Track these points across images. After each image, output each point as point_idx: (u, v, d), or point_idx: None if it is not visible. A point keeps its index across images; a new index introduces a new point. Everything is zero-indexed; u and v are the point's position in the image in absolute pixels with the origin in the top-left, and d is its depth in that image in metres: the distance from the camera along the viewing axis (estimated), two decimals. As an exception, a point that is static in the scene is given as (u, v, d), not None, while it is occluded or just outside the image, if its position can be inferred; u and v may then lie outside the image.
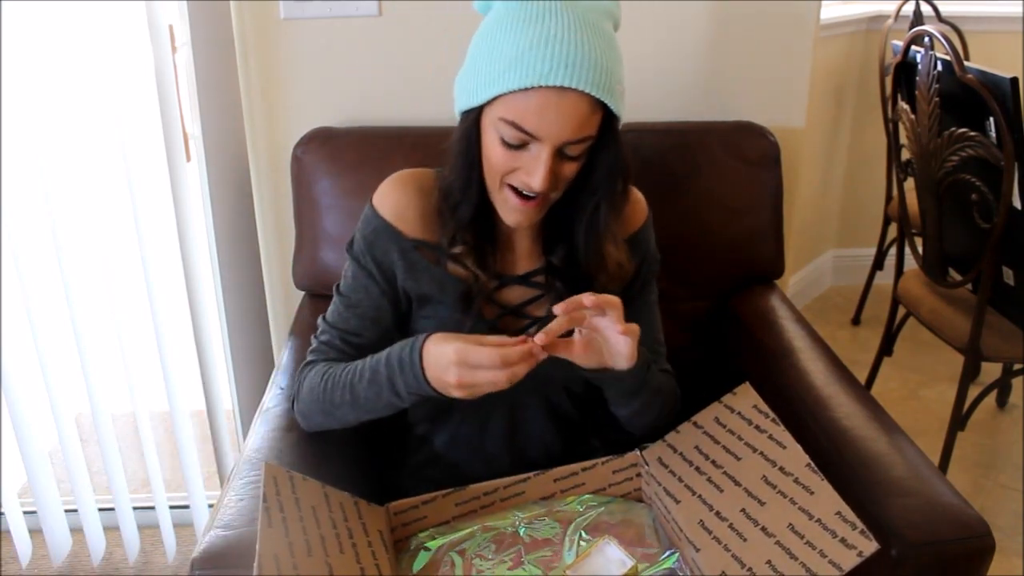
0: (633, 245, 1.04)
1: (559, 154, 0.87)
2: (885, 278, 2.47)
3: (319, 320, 1.05)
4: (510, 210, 0.92)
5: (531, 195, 0.90)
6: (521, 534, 0.92)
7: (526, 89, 0.82)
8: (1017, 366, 1.88)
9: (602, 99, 0.84)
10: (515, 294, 1.02)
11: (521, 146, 0.87)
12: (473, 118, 0.90)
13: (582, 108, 0.84)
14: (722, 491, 0.88)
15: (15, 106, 1.41)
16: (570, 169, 0.89)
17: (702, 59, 1.49)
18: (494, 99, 0.86)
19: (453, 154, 0.94)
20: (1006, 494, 1.96)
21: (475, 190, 0.94)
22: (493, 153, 0.89)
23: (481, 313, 0.99)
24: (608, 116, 0.88)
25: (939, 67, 1.68)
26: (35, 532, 1.74)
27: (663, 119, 1.48)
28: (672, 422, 1.00)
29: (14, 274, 1.49)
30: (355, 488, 0.94)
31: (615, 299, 0.84)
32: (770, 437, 0.89)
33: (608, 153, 0.91)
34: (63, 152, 1.50)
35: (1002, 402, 2.33)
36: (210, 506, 1.78)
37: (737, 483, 0.88)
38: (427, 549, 0.92)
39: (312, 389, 0.98)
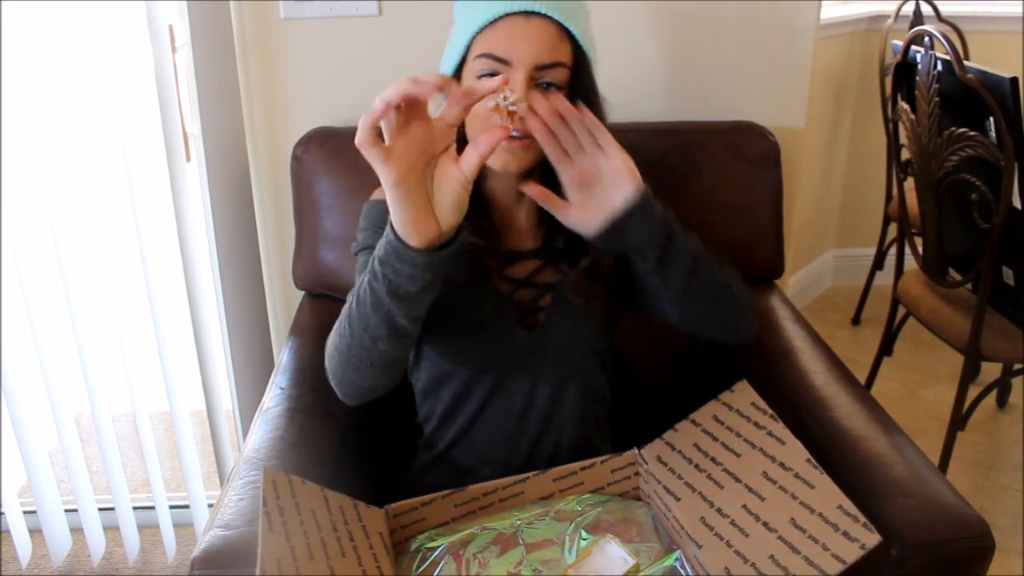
0: None
1: (536, 85, 0.90)
2: (885, 278, 2.47)
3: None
4: (497, 151, 0.91)
5: (516, 134, 0.89)
6: (521, 534, 0.92)
7: (494, 22, 0.89)
8: (1017, 366, 1.88)
9: (566, 25, 0.90)
10: (522, 268, 1.03)
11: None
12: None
13: (548, 31, 0.90)
14: (722, 488, 0.88)
15: (15, 106, 1.41)
16: None
17: (702, 59, 1.49)
18: (468, 49, 0.91)
19: None
20: (1006, 494, 1.96)
21: (460, 152, 0.92)
22: None
23: (496, 287, 1.01)
24: (579, 58, 0.93)
25: (939, 67, 1.68)
26: (35, 532, 1.74)
27: (663, 119, 1.48)
28: (671, 421, 1.00)
29: (14, 274, 1.49)
30: (357, 489, 0.94)
31: (598, 121, 0.86)
32: (769, 433, 0.89)
33: (578, 91, 0.95)
34: (63, 152, 1.50)
35: (1002, 402, 2.33)
36: (210, 506, 1.78)
37: (737, 479, 0.88)
38: (427, 551, 0.92)
39: (331, 344, 0.93)
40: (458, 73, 0.94)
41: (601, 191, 0.88)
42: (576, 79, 0.94)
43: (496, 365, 1.02)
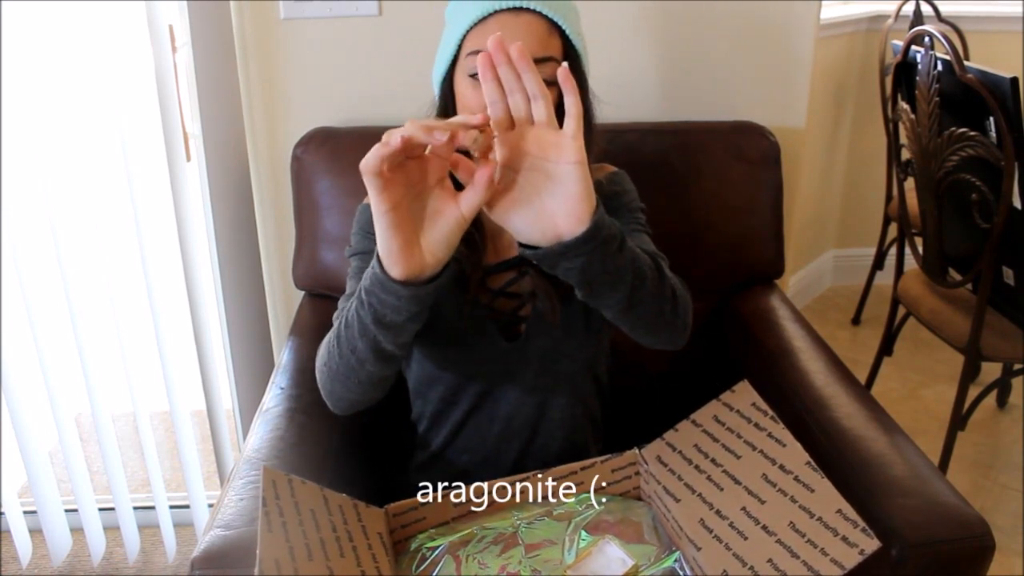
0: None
1: None
2: (885, 278, 2.47)
3: (333, 317, 1.00)
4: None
5: None
6: (520, 534, 0.92)
7: (484, 19, 0.90)
8: (1017, 366, 1.88)
9: (555, 20, 0.91)
10: (500, 278, 1.03)
11: None
12: (447, 85, 0.96)
13: (538, 27, 0.91)
14: (722, 489, 0.88)
15: (15, 106, 1.41)
16: None
17: (702, 59, 1.49)
18: (459, 48, 0.92)
19: None
20: (1006, 494, 1.96)
21: None
22: (466, 96, 0.92)
23: (477, 297, 1.01)
24: (570, 53, 0.93)
25: (939, 67, 1.68)
26: (35, 532, 1.74)
27: (663, 119, 1.48)
28: (670, 420, 1.00)
29: (14, 274, 1.49)
30: (357, 488, 0.94)
31: (579, 103, 0.73)
32: (769, 435, 0.89)
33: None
34: (63, 152, 1.50)
35: (1002, 402, 2.33)
36: (210, 506, 1.78)
37: (737, 481, 0.88)
38: (427, 550, 0.92)
39: (320, 358, 0.94)
40: (451, 72, 0.95)
41: (540, 181, 0.75)
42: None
43: (481, 375, 1.03)
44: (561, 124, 0.74)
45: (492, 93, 0.72)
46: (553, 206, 0.75)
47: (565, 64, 0.72)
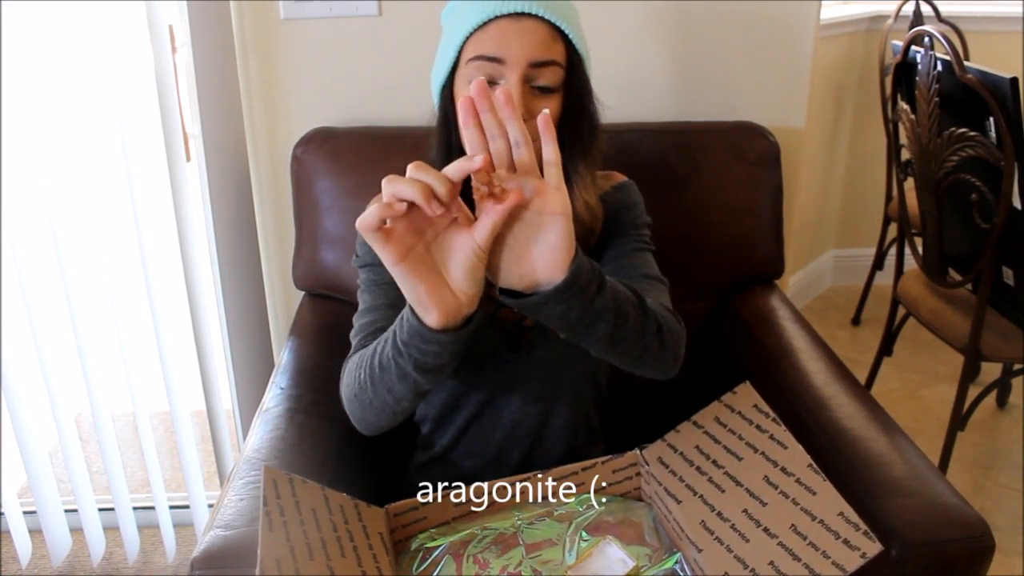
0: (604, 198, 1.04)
1: (530, 87, 0.90)
2: (885, 278, 2.47)
3: (351, 335, 1.00)
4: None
5: None
6: (521, 535, 0.92)
7: (484, 25, 0.89)
8: (1017, 366, 1.88)
9: (558, 24, 0.89)
10: None
11: (490, 84, 0.88)
12: (447, 94, 0.95)
13: (540, 31, 0.89)
14: (723, 491, 0.88)
15: (15, 106, 1.41)
16: (543, 107, 0.89)
17: (702, 59, 1.49)
18: (459, 54, 0.91)
19: (434, 136, 0.98)
20: (1006, 494, 1.96)
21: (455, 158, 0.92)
22: None
23: (482, 307, 1.00)
24: (573, 58, 0.92)
25: (939, 67, 1.68)
26: (35, 532, 1.74)
27: (663, 119, 1.48)
28: (671, 421, 1.00)
29: (14, 274, 1.49)
30: (357, 488, 0.94)
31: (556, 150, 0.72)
32: (771, 437, 0.89)
33: (572, 91, 0.93)
34: (63, 152, 1.50)
35: (1002, 402, 2.33)
36: (210, 506, 1.78)
37: (738, 483, 0.88)
38: (427, 550, 0.92)
39: (349, 387, 0.93)
40: (451, 79, 0.94)
41: (522, 227, 0.75)
42: (571, 80, 0.93)
43: (484, 384, 1.03)
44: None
45: (473, 139, 0.72)
46: (533, 252, 0.75)
47: (546, 111, 0.72)
